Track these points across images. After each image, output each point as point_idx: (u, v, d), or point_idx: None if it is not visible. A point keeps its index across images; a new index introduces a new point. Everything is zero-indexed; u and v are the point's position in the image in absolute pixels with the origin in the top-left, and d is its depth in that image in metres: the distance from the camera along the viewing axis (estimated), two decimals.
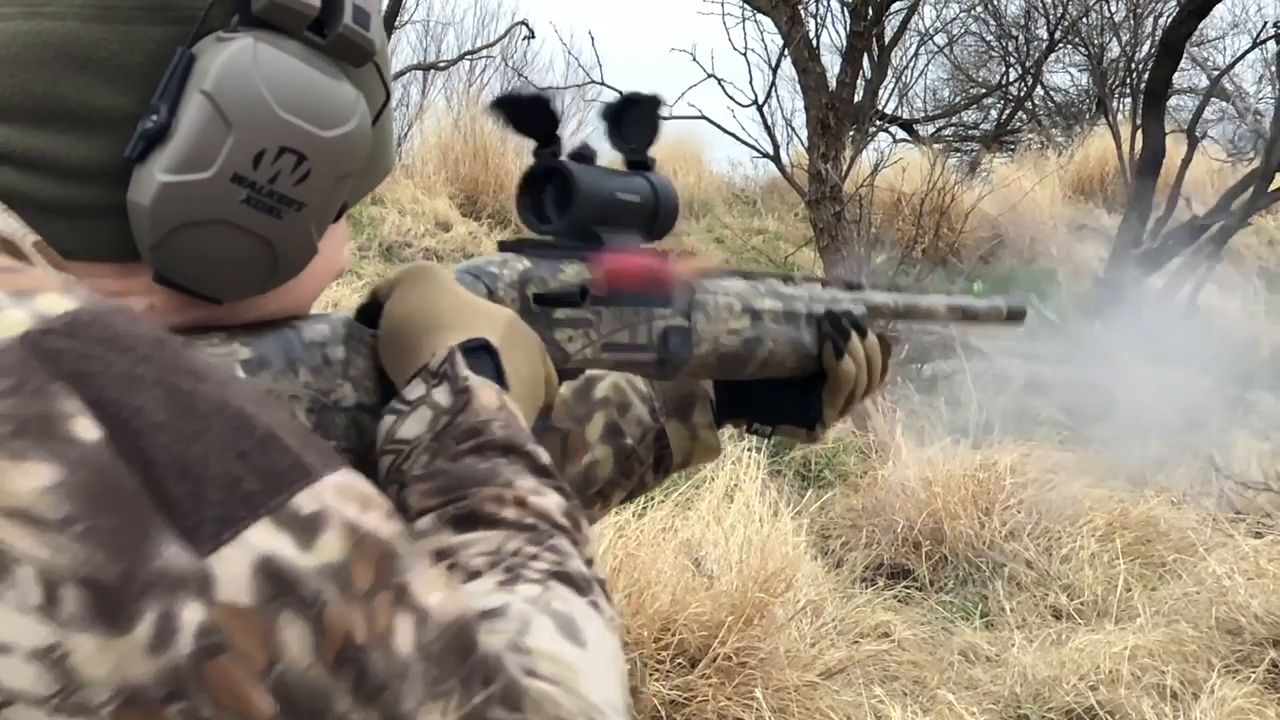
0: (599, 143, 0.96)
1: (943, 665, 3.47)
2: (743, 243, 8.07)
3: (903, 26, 8.71)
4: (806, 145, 6.05)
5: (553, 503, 0.69)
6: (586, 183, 0.89)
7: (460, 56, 9.01)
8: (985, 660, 3.51)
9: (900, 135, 11.32)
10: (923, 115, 12.10)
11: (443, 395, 0.71)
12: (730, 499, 3.57)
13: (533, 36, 8.90)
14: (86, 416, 0.50)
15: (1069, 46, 11.29)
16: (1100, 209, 9.77)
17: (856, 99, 6.51)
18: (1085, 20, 10.55)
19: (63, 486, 0.48)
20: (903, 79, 11.14)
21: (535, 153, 0.90)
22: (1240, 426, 5.64)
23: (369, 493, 0.56)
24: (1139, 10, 10.30)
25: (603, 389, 1.09)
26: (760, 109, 6.05)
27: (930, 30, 11.09)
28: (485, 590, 0.63)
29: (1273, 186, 7.41)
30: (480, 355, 0.74)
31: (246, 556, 0.50)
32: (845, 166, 5.78)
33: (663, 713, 2.90)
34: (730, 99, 6.14)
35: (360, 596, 0.53)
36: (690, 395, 1.12)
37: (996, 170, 10.14)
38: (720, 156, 9.82)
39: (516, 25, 8.96)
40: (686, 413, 1.12)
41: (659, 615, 3.05)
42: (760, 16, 6.35)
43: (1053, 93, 12.41)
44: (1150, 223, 7.74)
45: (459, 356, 0.72)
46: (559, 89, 7.57)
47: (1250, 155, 10.00)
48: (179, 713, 0.49)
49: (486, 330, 0.76)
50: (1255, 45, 8.93)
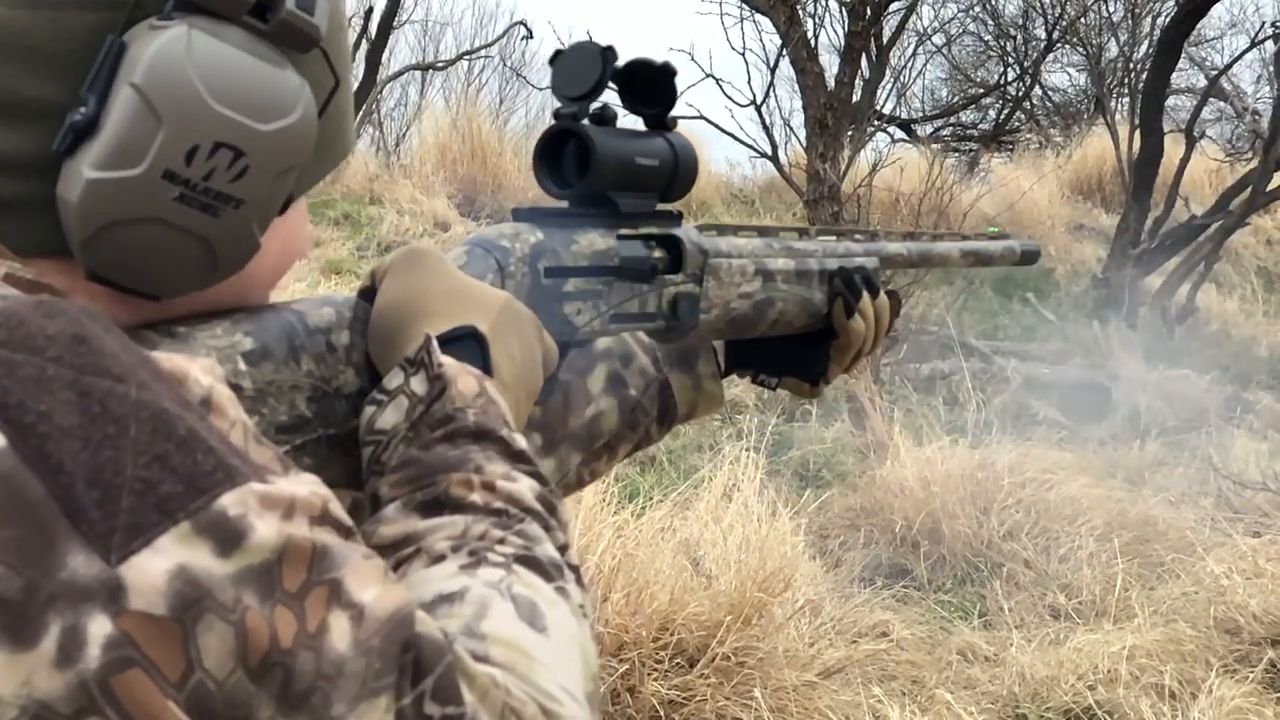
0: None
1: (941, 665, 3.46)
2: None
3: (901, 26, 8.71)
4: (804, 145, 6.06)
5: (524, 487, 0.67)
6: (606, 147, 0.88)
7: (458, 56, 9.01)
8: (983, 660, 3.51)
9: (898, 135, 11.33)
10: (921, 115, 12.11)
11: (419, 384, 0.69)
12: (728, 499, 3.57)
13: (531, 36, 8.89)
14: None
15: (1067, 46, 11.31)
16: (1098, 209, 9.77)
17: (854, 99, 6.50)
18: (1083, 20, 10.55)
19: None
20: (901, 79, 11.16)
21: (556, 114, 0.88)
22: (1238, 426, 5.64)
23: (301, 495, 0.54)
24: (1137, 10, 10.30)
25: (604, 340, 1.07)
26: (758, 109, 6.05)
27: (928, 30, 11.11)
28: (447, 574, 0.61)
29: (1271, 186, 7.42)
30: (466, 343, 0.73)
31: (161, 564, 0.48)
32: (843, 166, 5.78)
33: (661, 712, 2.90)
34: (728, 99, 6.15)
35: (288, 598, 0.51)
36: (694, 346, 1.10)
37: (994, 170, 10.14)
38: (718, 156, 9.82)
39: (515, 25, 8.97)
40: (690, 363, 1.10)
41: (657, 615, 3.05)
42: (758, 16, 6.36)
43: (1051, 92, 12.42)
44: (1148, 222, 7.74)
45: (435, 344, 0.70)
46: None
47: (1248, 155, 10.00)
48: None
49: (476, 317, 0.74)
50: (1253, 45, 8.94)
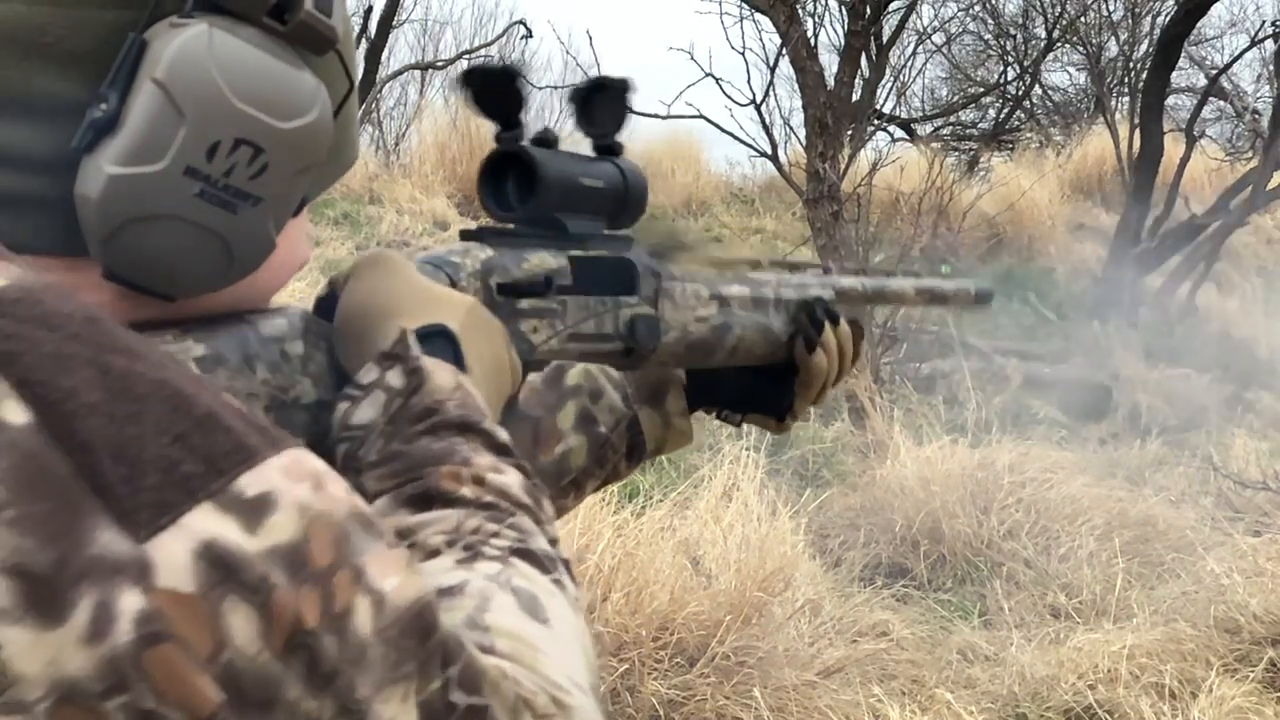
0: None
1: (941, 664, 3.46)
2: (741, 242, 8.06)
3: (900, 25, 8.71)
4: (804, 144, 6.06)
5: (513, 480, 0.67)
6: (550, 168, 0.87)
7: (458, 56, 9.02)
8: (983, 659, 3.51)
9: (898, 134, 11.32)
10: (921, 114, 12.11)
11: (395, 377, 0.69)
12: (728, 498, 3.57)
13: (530, 36, 8.92)
14: (13, 399, 0.47)
15: (1067, 45, 11.30)
16: (1098, 208, 9.78)
17: (854, 98, 6.51)
18: (1083, 19, 10.56)
19: None
20: (901, 78, 11.16)
21: (497, 137, 0.87)
22: (1238, 425, 5.64)
23: (321, 470, 0.54)
24: (1137, 9, 10.31)
25: (574, 376, 1.07)
26: (758, 108, 6.05)
27: (928, 29, 11.11)
28: (444, 568, 0.61)
29: (1271, 185, 7.42)
30: (438, 340, 0.72)
31: (187, 541, 0.48)
32: (843, 166, 5.78)
33: (661, 712, 2.90)
34: (728, 98, 6.15)
35: (315, 578, 0.51)
36: (663, 382, 1.10)
37: (995, 169, 10.15)
38: (718, 156, 9.80)
39: (514, 25, 8.99)
40: (659, 399, 1.10)
41: (657, 614, 3.05)
42: (758, 16, 6.35)
43: (1051, 92, 12.41)
44: (1148, 221, 7.74)
45: (411, 337, 0.70)
46: (556, 88, 7.56)
47: (1248, 154, 10.01)
48: (119, 707, 0.46)
49: (445, 316, 0.74)
50: (1253, 44, 8.95)
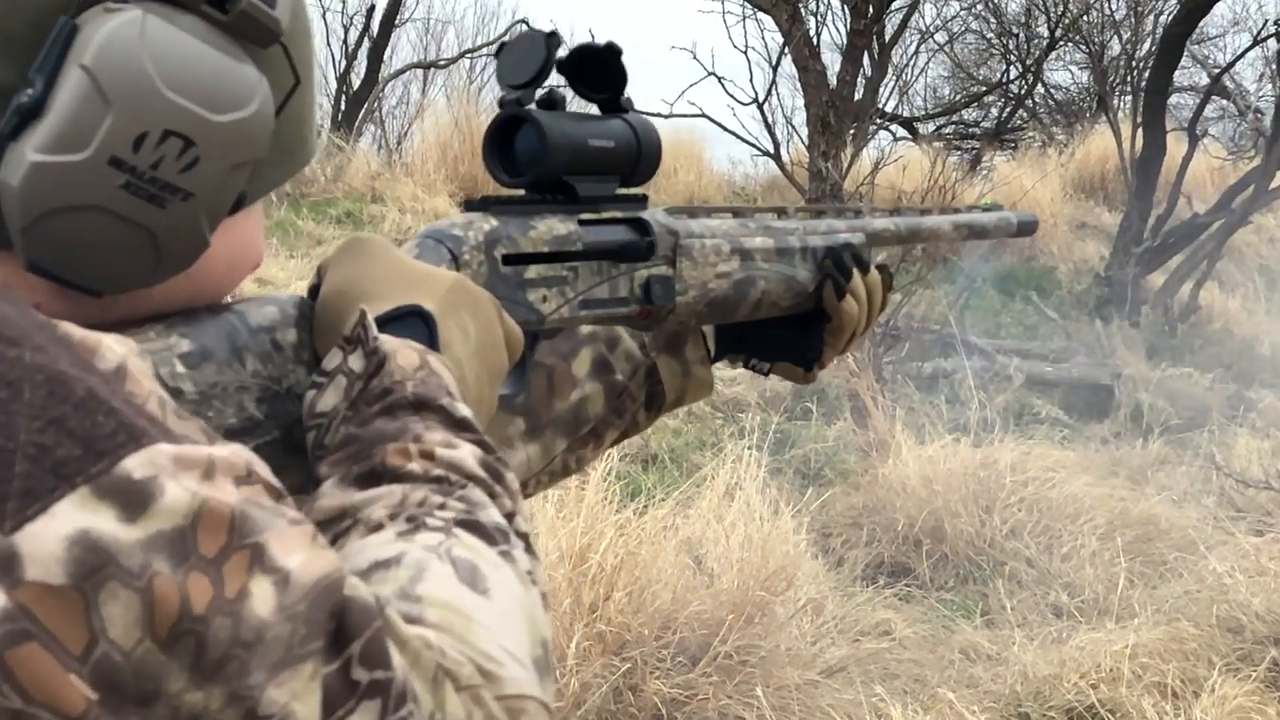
0: None
1: (943, 663, 3.47)
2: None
3: (903, 24, 8.72)
4: (807, 143, 6.06)
5: (466, 454, 0.66)
6: (556, 131, 0.84)
7: (460, 55, 9.03)
8: (986, 658, 3.51)
9: (901, 133, 11.33)
10: (923, 113, 12.11)
11: (356, 361, 0.68)
12: (731, 497, 3.57)
13: None
14: None
15: (1070, 44, 11.29)
16: (1101, 207, 9.77)
17: (857, 97, 6.51)
18: (1086, 18, 10.54)
19: None
20: (903, 77, 11.17)
21: (500, 102, 0.85)
22: (1241, 424, 5.64)
23: (221, 455, 0.52)
24: (1140, 8, 10.30)
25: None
26: (760, 107, 6.05)
27: (931, 28, 11.11)
28: (384, 541, 0.60)
29: (1273, 184, 7.41)
30: (410, 321, 0.71)
31: (58, 531, 0.46)
32: (845, 164, 5.78)
33: (663, 711, 2.90)
34: (731, 97, 6.16)
35: (204, 563, 0.49)
36: (681, 329, 1.06)
37: (997, 168, 10.15)
38: (721, 155, 9.83)
39: (516, 24, 8.97)
40: (678, 347, 1.07)
41: (659, 613, 3.05)
42: (761, 15, 6.36)
43: (1053, 90, 12.41)
44: (1151, 220, 7.74)
45: (369, 319, 0.69)
46: (557, 87, 7.57)
47: (1251, 153, 10.00)
48: None
49: (422, 296, 0.73)
50: (1256, 43, 8.93)
